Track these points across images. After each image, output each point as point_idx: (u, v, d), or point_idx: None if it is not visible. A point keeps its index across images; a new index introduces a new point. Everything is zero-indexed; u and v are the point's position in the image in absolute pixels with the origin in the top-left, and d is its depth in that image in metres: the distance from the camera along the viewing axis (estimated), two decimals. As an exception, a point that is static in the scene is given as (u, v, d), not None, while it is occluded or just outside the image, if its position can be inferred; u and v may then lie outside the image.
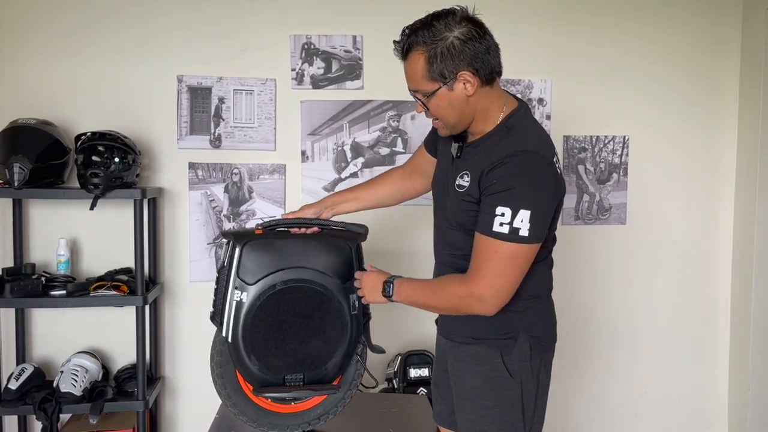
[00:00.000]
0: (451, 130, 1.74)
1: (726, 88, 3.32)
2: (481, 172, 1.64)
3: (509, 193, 1.57)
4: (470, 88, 1.64)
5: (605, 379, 3.35)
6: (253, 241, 1.85)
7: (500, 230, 1.56)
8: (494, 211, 1.57)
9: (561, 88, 3.21)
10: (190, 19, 3.01)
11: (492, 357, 1.72)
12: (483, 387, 1.73)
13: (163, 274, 3.06)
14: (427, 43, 1.63)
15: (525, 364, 1.72)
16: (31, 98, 2.92)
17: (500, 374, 1.71)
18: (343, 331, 1.89)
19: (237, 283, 1.82)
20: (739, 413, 3.31)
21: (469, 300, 1.63)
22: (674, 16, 3.26)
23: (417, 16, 3.21)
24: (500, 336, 1.72)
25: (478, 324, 1.71)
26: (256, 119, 3.06)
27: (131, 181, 2.76)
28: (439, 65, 1.61)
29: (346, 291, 1.88)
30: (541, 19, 3.19)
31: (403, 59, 1.70)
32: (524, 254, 1.61)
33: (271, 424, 1.98)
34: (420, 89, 1.68)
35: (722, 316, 3.39)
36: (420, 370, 2.88)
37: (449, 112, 1.68)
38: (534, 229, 1.57)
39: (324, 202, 2.05)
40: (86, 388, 2.73)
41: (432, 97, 1.66)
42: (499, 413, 1.72)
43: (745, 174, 3.27)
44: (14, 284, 2.67)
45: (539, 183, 1.61)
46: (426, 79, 1.64)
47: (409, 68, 1.68)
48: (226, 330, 1.83)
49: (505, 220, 1.56)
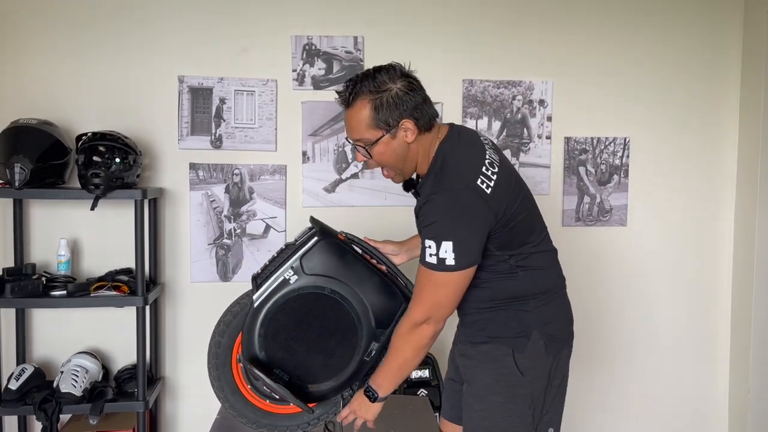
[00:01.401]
0: (402, 177, 1.86)
1: (727, 90, 3.32)
2: (416, 211, 1.79)
3: (430, 228, 1.70)
4: (410, 136, 1.76)
5: (606, 380, 3.34)
6: (333, 241, 1.88)
7: (430, 261, 1.69)
8: (425, 244, 1.71)
9: (562, 89, 3.21)
10: (191, 20, 3.01)
11: (504, 355, 1.80)
12: (494, 384, 1.81)
13: (164, 274, 3.06)
14: (372, 92, 1.73)
15: (537, 362, 1.81)
16: (32, 98, 2.93)
17: (511, 372, 1.79)
18: (347, 367, 1.90)
19: (296, 264, 1.85)
20: (740, 415, 3.31)
21: (417, 329, 1.75)
22: (675, 19, 3.26)
23: (417, 18, 3.24)
24: (513, 334, 1.81)
25: (493, 324, 1.82)
26: (257, 120, 3.06)
27: (132, 182, 2.76)
28: (384, 113, 1.73)
29: (373, 336, 1.89)
30: (542, 20, 3.19)
31: (347, 107, 1.78)
32: (454, 281, 1.72)
33: (270, 425, 1.98)
34: (363, 138, 1.77)
35: (723, 317, 3.39)
36: (420, 372, 2.88)
37: (392, 158, 1.79)
38: (460, 257, 1.68)
39: (405, 244, 2.09)
40: (86, 388, 2.73)
41: (375, 146, 1.76)
42: (509, 408, 1.80)
43: (746, 176, 3.27)
44: (15, 284, 2.67)
45: (457, 215, 1.70)
46: (370, 127, 1.75)
47: (354, 116, 1.76)
48: (259, 295, 1.85)
49: (432, 251, 1.69)
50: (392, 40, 3.09)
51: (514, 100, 3.16)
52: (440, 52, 3.12)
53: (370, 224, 3.02)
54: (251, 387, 1.94)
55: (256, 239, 3.09)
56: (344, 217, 3.02)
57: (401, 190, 1.98)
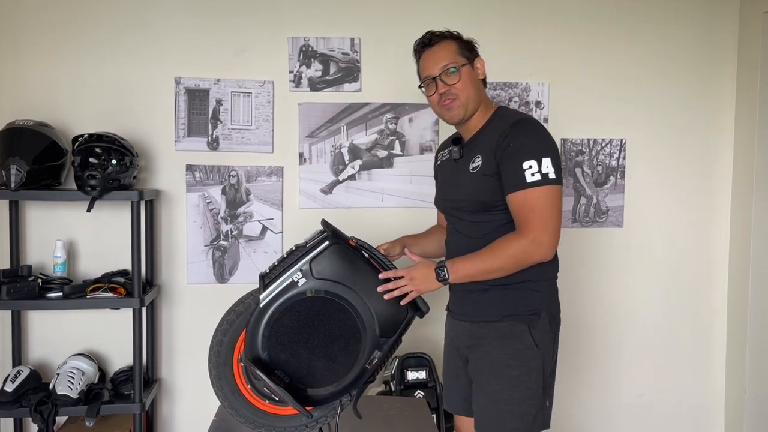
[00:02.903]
0: (465, 108, 1.99)
1: (722, 91, 3.33)
2: (492, 147, 1.91)
3: (527, 149, 1.86)
4: (481, 73, 2.04)
5: (602, 382, 3.35)
6: (343, 247, 1.88)
7: (534, 179, 1.84)
8: (521, 167, 1.85)
9: (558, 91, 3.21)
10: (188, 21, 3.01)
11: (521, 331, 1.93)
12: (510, 359, 1.93)
13: (161, 276, 3.05)
14: (452, 36, 2.03)
15: (546, 338, 1.96)
16: (28, 100, 2.92)
17: (527, 346, 1.93)
18: (348, 373, 1.90)
19: (305, 267, 1.85)
20: (736, 416, 3.32)
21: (530, 248, 1.85)
22: (671, 20, 3.28)
23: (414, 19, 3.26)
24: (527, 312, 1.95)
25: (506, 302, 1.95)
26: (254, 121, 3.06)
27: (128, 183, 2.76)
28: (465, 49, 2.02)
29: (377, 344, 1.90)
30: (538, 22, 3.20)
31: (431, 46, 2.01)
32: (557, 195, 1.88)
33: (268, 425, 1.98)
34: (451, 62, 1.97)
35: (719, 318, 3.39)
36: (417, 373, 2.88)
37: (470, 87, 1.99)
38: (557, 171, 1.87)
39: (402, 241, 2.21)
40: (83, 390, 2.72)
41: (461, 70, 1.98)
42: (525, 381, 1.92)
43: (742, 177, 3.28)
44: (10, 286, 2.66)
45: (546, 135, 1.93)
46: (457, 55, 1.99)
47: (441, 49, 1.99)
48: (266, 295, 1.85)
49: (534, 170, 1.83)
50: (389, 42, 3.10)
51: (510, 101, 3.17)
52: (437, 54, 3.12)
53: (367, 225, 3.02)
54: (251, 387, 1.94)
55: (253, 241, 3.09)
56: (341, 218, 3.00)
57: (397, 191, 2.03)
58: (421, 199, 3.08)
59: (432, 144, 3.12)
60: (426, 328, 2.65)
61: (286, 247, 3.06)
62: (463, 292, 2.04)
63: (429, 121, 3.12)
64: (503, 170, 1.88)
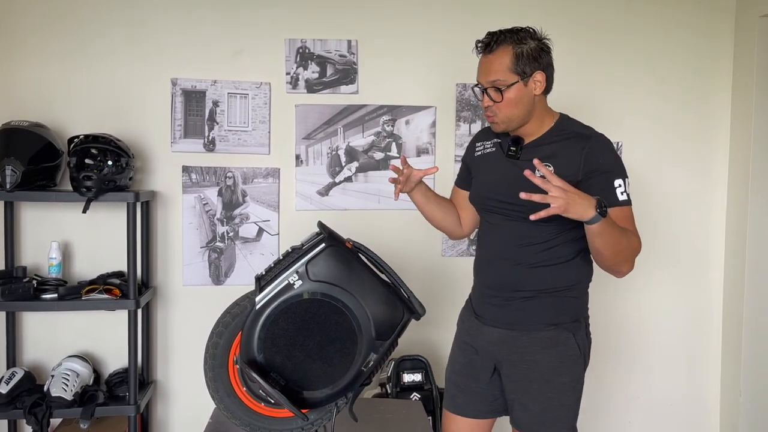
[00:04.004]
0: (506, 125, 1.96)
1: (718, 93, 3.34)
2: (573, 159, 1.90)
3: (617, 168, 1.91)
4: (539, 89, 1.94)
5: (597, 384, 3.34)
6: (340, 249, 1.86)
7: (624, 198, 1.89)
8: (614, 185, 1.88)
9: (554, 93, 3.18)
10: (184, 22, 3.00)
11: (567, 339, 1.99)
12: (560, 366, 1.98)
13: (156, 277, 3.05)
14: (515, 42, 1.91)
15: (586, 343, 2.05)
16: (23, 100, 2.91)
17: (573, 353, 1.99)
18: (344, 376, 1.89)
19: (301, 269, 1.84)
20: (731, 418, 3.32)
21: (635, 255, 1.93)
22: (667, 23, 3.29)
23: (412, 22, 3.26)
24: (571, 320, 2.01)
25: (551, 311, 1.98)
26: (251, 123, 3.06)
27: (124, 185, 2.75)
28: (523, 63, 1.90)
29: (372, 347, 1.88)
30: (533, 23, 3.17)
31: (488, 53, 1.93)
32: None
33: (263, 428, 1.97)
34: (500, 79, 1.90)
35: (714, 320, 3.40)
36: (413, 375, 2.88)
37: (518, 106, 1.93)
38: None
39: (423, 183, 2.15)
40: (77, 392, 2.71)
41: (509, 89, 1.90)
42: (573, 387, 2.00)
43: (737, 178, 3.29)
44: (5, 287, 2.65)
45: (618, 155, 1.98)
46: (509, 71, 1.90)
47: (495, 60, 1.91)
48: (261, 297, 1.84)
49: (622, 189, 1.89)
50: (386, 43, 3.10)
51: (507, 104, 3.17)
52: (434, 56, 3.13)
53: (363, 228, 3.01)
54: (247, 389, 1.93)
55: (249, 242, 3.08)
56: (337, 220, 3.00)
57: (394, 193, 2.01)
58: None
59: (429, 146, 3.13)
60: (422, 330, 2.65)
61: (282, 249, 3.05)
62: (502, 299, 2.03)
63: (426, 123, 3.12)
64: (593, 185, 1.85)
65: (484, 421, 2.15)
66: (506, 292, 2.01)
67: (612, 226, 1.80)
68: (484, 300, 2.09)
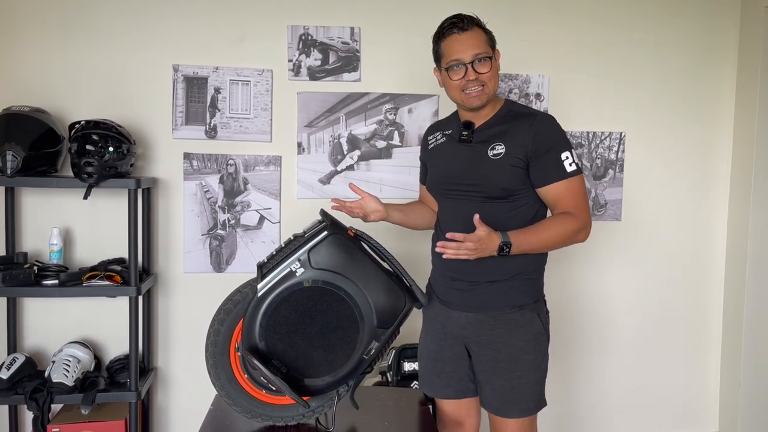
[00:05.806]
0: (488, 96, 2.05)
1: (722, 85, 3.33)
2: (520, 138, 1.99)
3: (562, 142, 2.01)
4: (499, 63, 2.09)
5: (597, 374, 3.36)
6: (342, 237, 1.87)
7: (574, 168, 1.99)
8: (560, 158, 1.98)
9: (558, 83, 3.20)
10: (186, 8, 2.98)
11: (532, 319, 2.07)
12: (525, 345, 2.06)
13: (157, 264, 3.04)
14: (479, 23, 2.07)
15: (547, 322, 2.14)
16: (25, 86, 2.90)
17: (538, 331, 2.08)
18: (345, 364, 1.90)
19: (303, 257, 1.85)
20: (731, 410, 3.33)
21: (582, 231, 2.00)
22: (671, 14, 3.27)
23: (414, 10, 3.23)
24: (534, 301, 2.10)
25: (515, 293, 2.06)
26: (252, 110, 3.04)
27: (125, 171, 2.74)
28: (491, 38, 2.08)
29: (374, 335, 1.90)
30: (539, 15, 3.19)
31: (463, 31, 2.03)
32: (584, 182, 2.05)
33: (265, 415, 1.98)
34: (484, 51, 2.03)
35: (715, 312, 3.40)
36: (414, 364, 2.87)
37: (495, 78, 2.06)
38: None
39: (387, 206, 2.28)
40: (78, 378, 2.72)
41: (491, 60, 2.03)
42: (539, 364, 2.09)
43: (740, 172, 3.28)
44: (6, 273, 2.64)
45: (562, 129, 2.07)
46: (487, 44, 2.05)
47: (474, 35, 2.03)
48: (263, 285, 1.85)
49: (570, 160, 1.99)
50: (389, 31, 3.08)
51: (510, 93, 3.16)
52: (437, 45, 3.11)
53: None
54: (248, 376, 1.94)
55: (250, 230, 3.07)
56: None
57: (396, 182, 2.03)
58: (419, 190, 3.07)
59: (431, 135, 3.11)
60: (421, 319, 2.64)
61: (283, 236, 3.05)
62: (468, 284, 2.08)
63: (428, 112, 3.11)
64: (542, 162, 1.98)
65: (472, 398, 2.21)
66: (471, 276, 2.06)
67: (528, 240, 1.95)
68: (449, 285, 2.14)
